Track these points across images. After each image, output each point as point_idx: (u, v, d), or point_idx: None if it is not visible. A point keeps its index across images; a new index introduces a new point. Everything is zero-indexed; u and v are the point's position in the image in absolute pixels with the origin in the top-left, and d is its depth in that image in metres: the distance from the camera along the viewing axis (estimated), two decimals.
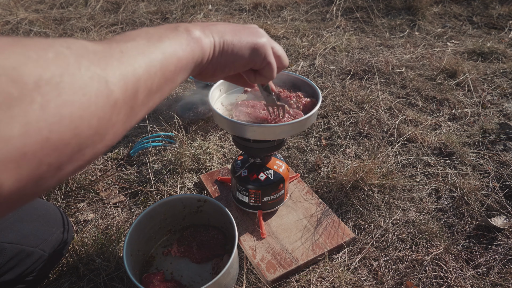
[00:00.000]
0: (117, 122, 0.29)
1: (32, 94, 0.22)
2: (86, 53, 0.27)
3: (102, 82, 0.27)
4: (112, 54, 0.29)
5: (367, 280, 0.90)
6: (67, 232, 0.88)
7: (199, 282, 0.89)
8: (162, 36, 0.36)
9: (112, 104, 0.27)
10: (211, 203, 0.92)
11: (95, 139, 0.27)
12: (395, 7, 2.53)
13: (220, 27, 0.45)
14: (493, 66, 1.83)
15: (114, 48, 0.30)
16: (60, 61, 0.24)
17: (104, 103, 0.27)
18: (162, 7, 2.56)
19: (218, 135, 1.38)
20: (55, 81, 0.23)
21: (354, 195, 1.11)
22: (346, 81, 1.70)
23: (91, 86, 0.26)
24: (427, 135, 1.36)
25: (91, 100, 0.25)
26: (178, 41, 0.37)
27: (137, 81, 0.30)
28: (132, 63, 0.30)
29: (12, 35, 2.18)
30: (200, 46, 0.40)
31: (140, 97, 0.31)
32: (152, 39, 0.34)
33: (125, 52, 0.30)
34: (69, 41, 0.27)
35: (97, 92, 0.26)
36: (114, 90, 0.28)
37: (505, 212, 1.07)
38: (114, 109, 0.28)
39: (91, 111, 0.26)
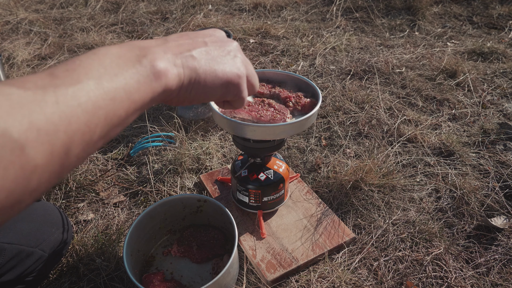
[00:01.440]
0: (40, 185, 0.24)
1: None
2: (3, 104, 0.22)
3: (15, 149, 0.22)
4: (41, 107, 0.24)
5: (367, 280, 0.90)
6: (67, 232, 0.88)
7: (199, 282, 0.89)
8: (118, 73, 0.31)
9: (30, 171, 0.23)
10: (211, 203, 0.92)
11: (10, 207, 0.23)
12: (395, 7, 2.53)
13: (197, 53, 0.39)
14: (493, 66, 1.83)
15: (47, 96, 0.25)
16: None
17: (15, 174, 0.22)
18: (162, 7, 2.56)
19: (218, 135, 1.38)
20: None
21: (354, 195, 1.11)
22: (346, 81, 1.70)
23: (3, 153, 0.21)
24: (427, 135, 1.36)
25: (5, 171, 0.21)
26: (136, 80, 0.32)
27: (71, 138, 0.26)
28: (67, 117, 0.25)
29: (12, 35, 2.18)
30: (162, 84, 0.35)
31: (74, 153, 0.26)
32: (103, 79, 0.29)
33: (60, 103, 0.25)
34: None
35: (6, 162, 0.22)
36: (31, 155, 0.23)
37: (505, 212, 1.07)
38: (33, 175, 0.23)
39: (5, 184, 0.21)
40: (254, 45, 2.07)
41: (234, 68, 0.43)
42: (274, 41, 2.10)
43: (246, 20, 2.37)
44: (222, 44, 0.43)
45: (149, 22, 2.36)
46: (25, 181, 0.23)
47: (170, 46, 0.37)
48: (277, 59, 1.92)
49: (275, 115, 0.78)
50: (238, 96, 0.45)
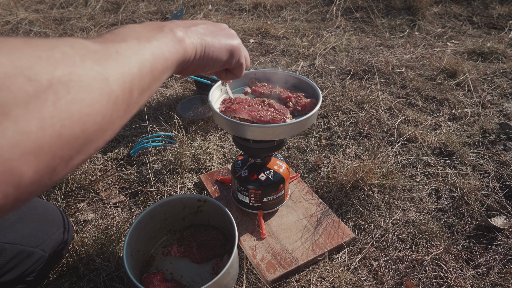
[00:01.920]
0: (117, 119, 0.30)
1: (46, 92, 0.24)
2: (88, 53, 0.28)
3: (104, 81, 0.28)
4: (110, 54, 0.30)
5: (367, 280, 0.90)
6: (67, 232, 0.88)
7: (199, 282, 0.89)
8: (150, 37, 0.37)
9: (113, 102, 0.29)
10: (211, 203, 0.92)
11: (98, 135, 0.28)
12: (395, 7, 2.53)
13: (201, 28, 0.47)
14: (493, 66, 1.83)
15: (110, 48, 0.31)
16: (67, 61, 0.26)
17: (107, 101, 0.28)
18: (162, 7, 2.56)
19: (218, 135, 1.38)
20: (64, 80, 0.25)
21: (354, 195, 1.11)
22: (346, 81, 1.70)
23: (95, 85, 0.27)
24: (427, 135, 1.36)
25: (95, 98, 0.27)
26: (165, 42, 0.38)
27: (132, 81, 0.32)
28: (128, 64, 0.32)
29: (12, 35, 2.18)
30: (183, 47, 0.42)
31: (134, 95, 0.32)
32: (141, 39, 0.35)
33: (120, 52, 0.32)
34: (71, 41, 0.28)
35: (100, 90, 0.27)
36: (114, 89, 0.29)
37: (505, 212, 1.07)
38: (115, 106, 0.29)
39: (96, 108, 0.27)
40: (254, 45, 2.07)
41: (233, 37, 0.52)
42: (274, 41, 2.10)
43: (246, 20, 2.37)
44: (216, 24, 0.53)
45: None
46: (111, 109, 0.29)
47: (178, 23, 0.44)
48: (277, 59, 1.92)
49: (275, 115, 0.78)
50: (239, 62, 0.54)
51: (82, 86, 0.26)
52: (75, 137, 0.26)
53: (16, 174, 0.23)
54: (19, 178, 0.23)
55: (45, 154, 0.24)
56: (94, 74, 0.27)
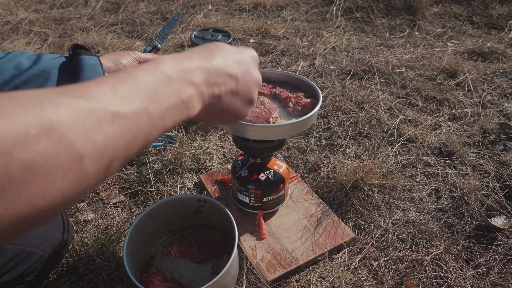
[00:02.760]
0: (83, 192, 0.28)
1: None
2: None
3: (76, 158, 0.26)
4: (99, 124, 0.28)
5: (367, 280, 0.90)
6: (67, 232, 0.88)
7: (199, 282, 0.89)
8: (161, 102, 0.33)
9: (82, 177, 0.27)
10: (211, 203, 0.92)
11: (53, 213, 0.26)
12: (395, 7, 2.53)
13: (224, 88, 0.42)
14: (493, 66, 1.83)
15: (104, 113, 0.28)
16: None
17: (75, 180, 0.26)
18: (162, 7, 2.56)
19: (218, 135, 1.38)
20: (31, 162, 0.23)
21: (354, 195, 1.11)
22: (346, 81, 1.70)
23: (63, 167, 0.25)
24: (427, 135, 1.36)
25: (59, 185, 0.25)
26: (172, 112, 0.35)
27: (115, 154, 0.29)
28: (117, 137, 0.29)
29: (12, 35, 2.18)
30: (190, 115, 0.38)
31: (115, 166, 0.30)
32: (152, 104, 0.32)
33: (115, 122, 0.29)
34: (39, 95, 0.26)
35: (68, 168, 0.26)
36: (87, 166, 0.27)
37: (505, 212, 1.07)
38: (84, 180, 0.27)
39: (58, 195, 0.25)
40: (254, 45, 2.07)
41: (248, 107, 0.49)
42: (274, 41, 2.10)
43: (246, 20, 2.37)
44: (248, 79, 0.47)
45: (149, 22, 2.36)
46: (77, 185, 0.26)
47: (203, 73, 0.39)
48: (277, 59, 1.92)
49: (261, 113, 0.78)
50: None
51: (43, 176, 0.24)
52: (20, 228, 0.24)
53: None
54: None
55: None
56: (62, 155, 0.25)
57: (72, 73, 0.70)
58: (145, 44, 2.09)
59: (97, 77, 0.31)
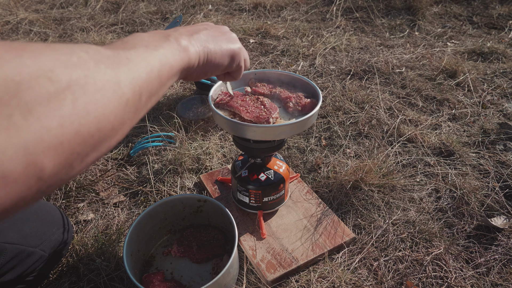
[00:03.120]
0: (127, 120, 0.32)
1: (65, 92, 0.26)
2: (101, 58, 0.30)
3: (116, 84, 0.30)
4: (121, 60, 0.32)
5: (367, 280, 0.90)
6: (67, 232, 0.88)
7: (199, 282, 0.89)
8: (157, 45, 0.39)
9: (124, 104, 0.31)
10: (211, 203, 0.92)
11: (111, 134, 0.30)
12: (395, 7, 2.53)
13: (203, 35, 0.49)
14: (493, 66, 1.83)
15: (121, 54, 0.33)
16: (83, 65, 0.28)
17: (119, 103, 0.30)
18: (162, 7, 2.56)
19: (218, 135, 1.38)
20: (81, 82, 0.27)
21: (354, 195, 1.11)
22: (346, 81, 1.70)
23: (108, 88, 0.29)
24: (427, 135, 1.36)
25: (109, 99, 0.29)
26: (170, 51, 0.41)
27: (141, 85, 0.34)
28: (137, 69, 0.34)
29: (12, 35, 2.18)
30: (188, 55, 0.44)
31: (143, 99, 0.34)
32: (149, 47, 0.38)
33: (130, 59, 0.34)
34: (86, 47, 0.30)
35: (113, 93, 0.30)
36: (125, 92, 0.31)
37: (505, 212, 1.07)
38: (126, 108, 0.31)
39: (110, 109, 0.29)
40: (254, 45, 2.07)
41: (234, 42, 0.55)
42: (274, 41, 2.10)
43: (246, 20, 2.37)
44: (218, 27, 0.55)
45: (149, 22, 2.36)
46: (122, 110, 0.30)
47: (181, 31, 0.46)
48: (277, 59, 1.92)
49: (261, 113, 0.78)
50: (239, 65, 0.57)
51: (96, 88, 0.28)
52: (90, 135, 0.27)
53: (39, 167, 0.24)
54: (41, 171, 0.24)
55: (64, 149, 0.25)
56: (107, 77, 0.29)
57: None
58: None
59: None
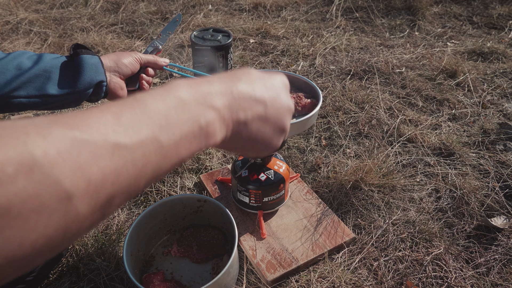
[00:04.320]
0: (80, 231, 0.25)
1: None
2: None
3: (63, 198, 0.23)
4: (95, 158, 0.25)
5: (367, 280, 0.90)
6: None
7: (199, 282, 0.89)
8: (175, 131, 0.30)
9: (72, 220, 0.24)
10: (211, 203, 0.92)
11: (45, 255, 0.24)
12: (395, 7, 2.53)
13: (253, 117, 0.37)
14: (493, 66, 1.83)
15: (104, 144, 0.25)
16: None
17: (60, 222, 0.24)
18: (162, 7, 2.56)
19: None
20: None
21: (354, 195, 1.11)
22: (346, 81, 1.70)
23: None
24: (427, 135, 1.36)
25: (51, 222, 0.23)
26: (189, 141, 0.31)
27: (115, 191, 0.26)
28: (118, 171, 0.26)
29: (12, 35, 2.18)
30: (210, 144, 0.34)
31: (116, 202, 0.27)
32: (163, 131, 0.29)
33: (116, 154, 0.26)
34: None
35: (53, 210, 0.23)
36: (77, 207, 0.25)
37: (505, 212, 1.07)
38: (74, 224, 0.24)
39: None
40: (254, 45, 2.07)
41: (280, 136, 0.42)
42: (274, 41, 2.10)
43: (246, 20, 2.36)
44: (278, 116, 0.41)
45: (149, 22, 2.36)
46: (65, 228, 0.23)
47: (229, 103, 0.35)
48: (277, 59, 1.92)
49: None
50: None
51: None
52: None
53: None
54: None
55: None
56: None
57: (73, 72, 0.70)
58: (145, 44, 2.09)
59: (99, 107, 0.27)
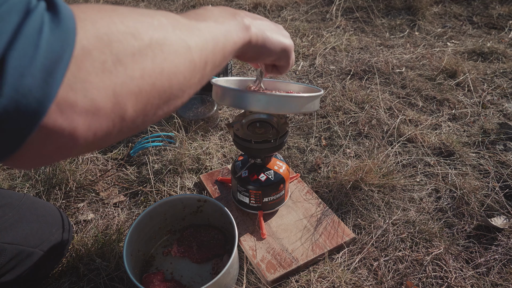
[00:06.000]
0: (193, 84, 0.36)
1: (146, 49, 0.30)
2: (178, 24, 0.35)
3: (188, 49, 0.34)
4: (193, 30, 0.36)
5: (367, 280, 0.90)
6: (67, 233, 0.88)
7: (199, 282, 0.89)
8: (224, 21, 0.43)
9: (192, 68, 0.35)
10: (211, 203, 0.92)
11: (179, 94, 0.34)
12: (395, 7, 2.53)
13: (261, 23, 0.52)
14: (493, 66, 1.83)
15: (194, 25, 0.37)
16: (162, 28, 0.32)
17: (188, 66, 0.34)
18: (162, 7, 2.56)
19: (218, 135, 1.38)
20: (160, 42, 0.31)
21: (354, 195, 1.11)
22: (346, 81, 1.70)
23: (181, 51, 0.33)
24: (427, 135, 1.36)
25: (180, 61, 0.33)
26: (235, 28, 0.44)
27: (208, 55, 0.37)
28: (206, 40, 0.37)
29: None
30: (249, 35, 0.47)
31: (207, 68, 0.38)
32: (218, 22, 0.41)
33: (201, 29, 0.37)
34: (165, 13, 0.35)
35: (185, 56, 0.34)
36: (195, 58, 0.35)
37: (505, 212, 1.07)
38: (193, 72, 0.35)
39: (180, 70, 0.33)
40: None
41: (287, 38, 0.57)
42: None
43: None
44: (274, 23, 0.56)
45: None
46: (190, 73, 0.34)
47: (247, 14, 0.49)
48: None
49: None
50: (287, 61, 0.59)
51: (171, 49, 0.32)
52: (163, 90, 0.32)
53: (123, 108, 0.28)
54: (124, 112, 0.29)
55: (142, 97, 0.30)
56: (181, 42, 0.33)
57: None
58: None
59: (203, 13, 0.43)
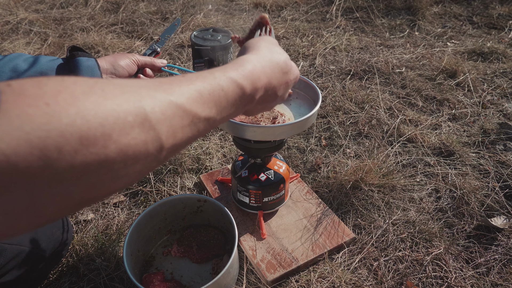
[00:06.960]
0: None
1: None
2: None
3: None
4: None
5: (367, 280, 0.90)
6: (67, 233, 0.88)
7: (199, 282, 0.89)
8: (235, 105, 0.38)
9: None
10: (211, 203, 0.92)
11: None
12: (395, 7, 2.53)
13: (270, 83, 0.45)
14: (493, 66, 1.83)
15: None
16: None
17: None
18: (162, 7, 2.56)
19: (218, 135, 1.38)
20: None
21: (354, 195, 1.11)
22: (346, 81, 1.70)
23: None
24: (427, 135, 1.36)
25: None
26: (237, 107, 0.39)
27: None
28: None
29: (12, 35, 2.18)
30: (248, 110, 0.45)
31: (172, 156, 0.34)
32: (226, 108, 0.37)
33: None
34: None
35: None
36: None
37: (505, 212, 1.07)
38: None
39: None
40: None
41: (287, 89, 0.51)
42: None
43: (246, 20, 2.36)
44: (285, 71, 0.49)
45: (149, 22, 2.36)
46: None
47: (256, 82, 0.42)
48: None
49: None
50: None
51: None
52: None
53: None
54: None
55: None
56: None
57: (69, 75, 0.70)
58: (145, 44, 2.09)
59: (186, 78, 0.35)
